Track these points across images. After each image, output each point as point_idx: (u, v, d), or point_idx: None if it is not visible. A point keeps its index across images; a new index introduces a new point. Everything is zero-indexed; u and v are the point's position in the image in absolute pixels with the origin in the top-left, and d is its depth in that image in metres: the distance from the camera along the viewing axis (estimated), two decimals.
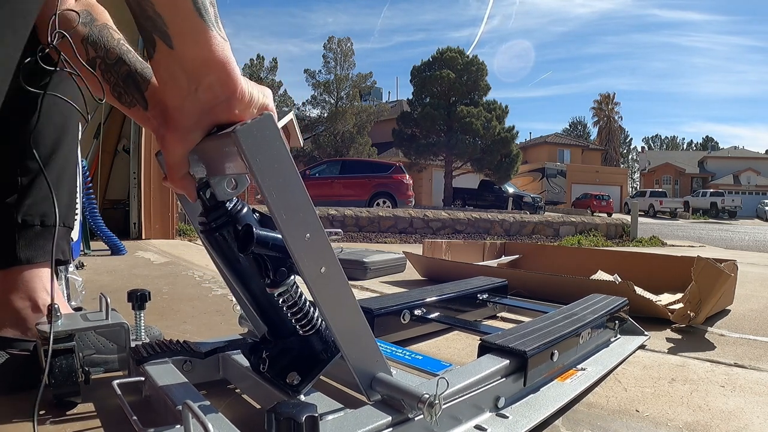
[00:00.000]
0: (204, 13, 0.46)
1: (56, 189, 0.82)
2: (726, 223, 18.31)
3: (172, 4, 0.46)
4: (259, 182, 0.45)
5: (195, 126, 0.50)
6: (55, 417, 0.66)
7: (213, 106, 0.49)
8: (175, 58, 0.47)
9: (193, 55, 0.47)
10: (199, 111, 0.49)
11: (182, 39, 0.46)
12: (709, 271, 1.18)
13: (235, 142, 0.44)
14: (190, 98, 0.48)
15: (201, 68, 0.47)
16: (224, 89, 0.49)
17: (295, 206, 0.47)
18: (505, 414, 0.67)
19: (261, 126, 0.45)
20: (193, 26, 0.46)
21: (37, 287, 0.80)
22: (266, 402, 0.67)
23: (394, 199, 10.09)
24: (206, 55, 0.47)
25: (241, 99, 0.50)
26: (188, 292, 1.61)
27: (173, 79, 0.48)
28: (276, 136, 0.46)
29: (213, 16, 0.48)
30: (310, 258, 0.49)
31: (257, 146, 0.45)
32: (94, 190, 2.69)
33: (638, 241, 5.89)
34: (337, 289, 0.52)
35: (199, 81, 0.48)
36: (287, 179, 0.47)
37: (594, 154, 33.61)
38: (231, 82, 0.49)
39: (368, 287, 1.84)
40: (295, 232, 0.48)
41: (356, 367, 0.56)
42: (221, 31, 0.48)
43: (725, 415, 0.74)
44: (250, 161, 0.44)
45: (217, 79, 0.48)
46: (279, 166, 0.46)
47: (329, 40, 22.89)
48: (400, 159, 18.10)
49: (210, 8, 0.47)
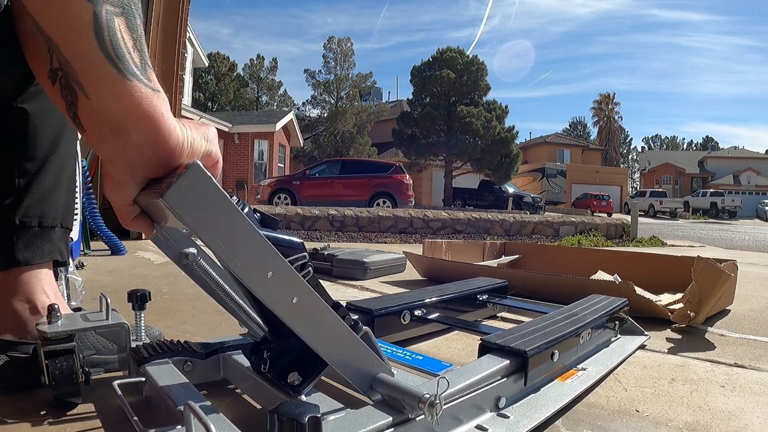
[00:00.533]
0: (118, 61, 0.41)
1: (54, 190, 0.82)
2: (726, 223, 18.32)
3: (77, 49, 0.40)
4: (203, 239, 0.42)
5: (130, 180, 0.45)
6: (55, 417, 0.66)
7: (145, 164, 0.44)
8: (95, 111, 0.42)
9: (112, 109, 0.41)
10: (130, 167, 0.44)
11: (95, 90, 0.41)
12: (709, 271, 1.18)
13: (166, 206, 0.40)
14: (119, 154, 0.43)
15: (124, 123, 0.42)
16: (155, 148, 0.43)
17: (248, 250, 0.45)
18: (506, 414, 0.67)
19: (189, 181, 0.41)
20: (105, 76, 0.40)
21: (36, 289, 0.80)
22: (267, 402, 0.67)
23: (394, 199, 10.09)
24: (128, 108, 0.41)
25: (177, 153, 0.45)
26: (188, 292, 1.61)
27: (99, 132, 0.43)
28: (209, 184, 0.42)
29: (136, 64, 0.42)
30: (278, 294, 0.48)
31: (191, 204, 0.41)
32: (94, 190, 2.69)
33: (638, 241, 5.89)
34: (313, 314, 0.51)
35: (126, 139, 0.42)
36: (231, 226, 0.43)
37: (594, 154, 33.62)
38: (162, 139, 0.43)
39: (368, 287, 1.84)
40: (255, 276, 0.46)
41: (352, 375, 0.56)
42: (149, 81, 0.43)
43: (725, 415, 0.74)
44: (187, 221, 0.41)
45: (145, 137, 0.43)
46: (220, 215, 0.43)
47: (329, 40, 22.94)
48: (400, 159, 18.11)
49: (129, 54, 0.42)
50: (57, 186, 0.82)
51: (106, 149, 0.44)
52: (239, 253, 0.44)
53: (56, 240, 0.83)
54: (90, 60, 0.40)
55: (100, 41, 0.39)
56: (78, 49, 0.40)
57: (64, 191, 0.85)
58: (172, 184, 0.41)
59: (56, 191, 0.82)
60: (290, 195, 10.41)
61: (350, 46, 23.08)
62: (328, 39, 23.06)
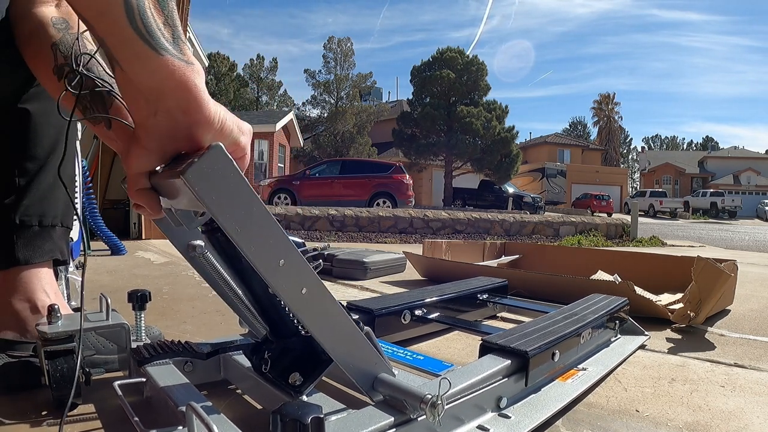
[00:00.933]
0: (149, 38, 0.42)
1: (54, 189, 0.82)
2: (726, 223, 18.32)
3: (110, 29, 0.42)
4: (220, 221, 0.43)
5: (158, 149, 0.46)
6: (55, 418, 0.66)
7: (174, 132, 0.45)
8: (130, 82, 0.44)
9: (146, 81, 0.43)
10: (160, 135, 0.45)
11: (130, 65, 0.43)
12: (709, 271, 1.18)
13: (186, 184, 0.41)
14: (151, 120, 0.45)
15: (158, 94, 0.44)
16: (186, 116, 0.44)
17: (262, 236, 0.45)
18: (507, 414, 0.67)
19: (211, 161, 0.42)
20: (137, 52, 0.42)
21: (36, 288, 0.80)
22: (268, 403, 0.67)
23: (394, 199, 10.09)
24: (159, 81, 0.43)
25: (208, 125, 0.45)
26: (188, 292, 1.61)
27: (134, 100, 0.45)
28: (230, 167, 0.42)
29: (167, 38, 0.43)
30: (288, 283, 0.48)
31: (210, 185, 0.41)
32: (94, 190, 2.69)
33: (638, 241, 5.89)
34: (322, 306, 0.51)
35: (159, 107, 0.44)
36: (249, 211, 0.44)
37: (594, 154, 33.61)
38: (192, 108, 0.44)
39: (368, 287, 1.84)
40: (267, 262, 0.46)
41: (355, 374, 0.56)
42: (182, 54, 0.44)
43: (725, 415, 0.74)
44: (206, 201, 0.41)
45: (177, 105, 0.44)
46: (238, 199, 0.43)
47: (329, 40, 22.93)
48: (400, 159, 18.10)
49: (160, 30, 0.43)
50: (57, 185, 0.82)
51: (139, 114, 0.45)
52: (254, 238, 0.45)
53: (56, 239, 0.83)
54: (123, 38, 0.42)
55: (131, 20, 0.41)
56: (111, 29, 0.42)
57: (64, 191, 0.85)
58: (193, 162, 0.41)
59: (56, 190, 0.82)
60: (290, 195, 10.41)
61: (350, 46, 23.09)
62: (328, 39, 23.08)
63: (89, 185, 2.47)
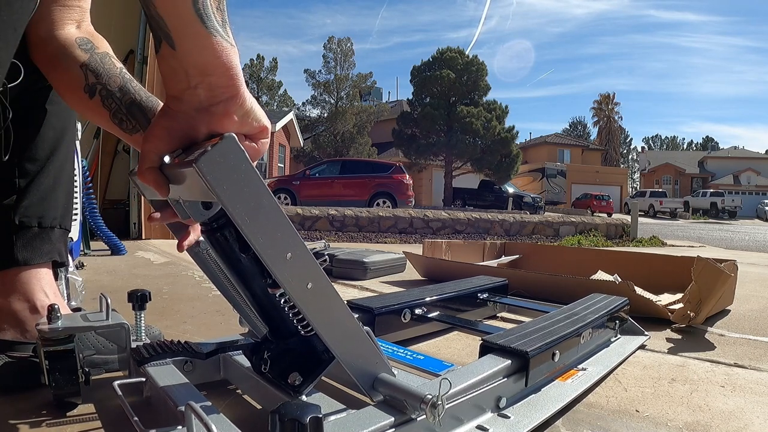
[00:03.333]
0: (206, 19, 0.46)
1: (54, 190, 0.82)
2: (726, 223, 18.32)
3: (173, 9, 0.45)
4: (229, 211, 0.43)
5: (182, 126, 0.49)
6: (55, 418, 0.66)
7: (210, 105, 0.48)
8: (178, 59, 0.47)
9: (195, 59, 0.47)
10: (196, 106, 0.48)
11: (184, 43, 0.46)
12: (709, 271, 1.18)
13: (198, 173, 0.41)
14: (189, 92, 0.48)
15: (203, 70, 0.47)
16: (224, 90, 0.48)
17: (271, 228, 0.46)
18: (506, 414, 0.67)
19: (224, 151, 0.43)
20: (194, 32, 0.46)
21: (35, 288, 0.80)
22: (267, 403, 0.67)
23: (394, 199, 10.09)
24: (208, 60, 0.47)
25: (241, 104, 0.49)
26: (188, 292, 1.61)
27: (175, 74, 0.48)
28: (241, 158, 0.43)
29: (218, 21, 0.47)
30: (295, 276, 0.48)
31: (222, 174, 0.42)
32: (94, 190, 2.69)
33: (638, 241, 5.89)
34: (327, 302, 0.51)
35: (199, 80, 0.47)
36: (259, 202, 0.44)
37: (594, 154, 33.61)
38: (232, 86, 0.48)
39: (368, 287, 1.84)
40: (275, 255, 0.46)
41: (356, 373, 0.56)
42: (228, 37, 0.48)
43: (725, 415, 0.74)
44: (217, 191, 0.42)
45: (218, 81, 0.48)
46: (248, 190, 0.44)
47: (329, 40, 22.90)
48: (400, 159, 18.10)
49: (214, 14, 0.47)
50: (57, 187, 0.82)
51: (177, 87, 0.48)
52: (263, 230, 0.45)
53: (55, 240, 0.84)
54: (183, 18, 0.45)
55: (195, 3, 0.45)
56: (174, 10, 0.45)
57: (64, 192, 0.85)
58: (205, 151, 0.42)
59: (56, 192, 0.83)
60: (290, 195, 10.41)
61: (350, 46, 23.06)
62: (329, 39, 23.04)
63: (89, 185, 2.47)
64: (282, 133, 16.74)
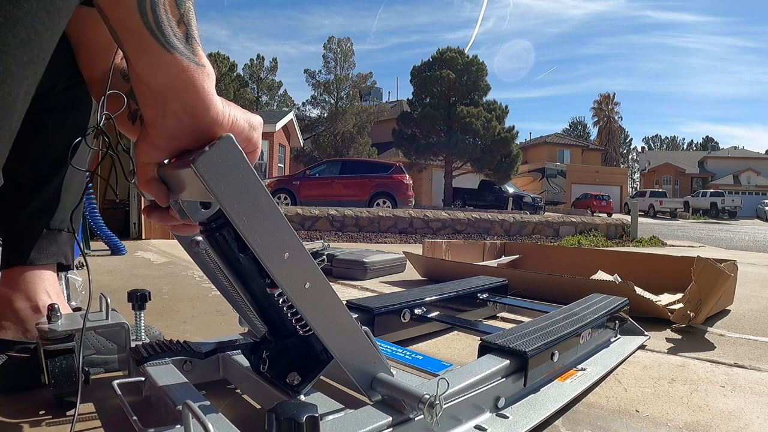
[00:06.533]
0: (159, 33, 0.41)
1: (63, 194, 0.82)
2: (726, 223, 18.31)
3: (122, 22, 0.41)
4: (227, 210, 0.43)
5: (167, 147, 0.46)
6: (54, 417, 0.66)
7: (181, 134, 0.45)
8: (139, 78, 0.43)
9: (152, 78, 0.42)
10: (168, 135, 0.45)
11: (137, 60, 0.42)
12: (709, 271, 1.18)
13: (196, 173, 0.41)
14: (160, 120, 0.44)
15: (163, 93, 0.43)
16: (192, 118, 0.44)
17: (268, 228, 0.45)
18: (505, 414, 0.67)
19: (221, 151, 0.42)
20: (145, 48, 0.41)
21: (38, 289, 0.80)
22: (266, 402, 0.67)
23: (394, 199, 10.08)
24: (165, 80, 0.42)
25: (215, 127, 0.45)
26: (188, 292, 1.61)
27: (143, 98, 0.44)
28: (239, 158, 0.43)
29: (179, 36, 0.42)
30: (292, 276, 0.48)
31: (220, 174, 0.42)
32: (94, 190, 2.69)
33: (638, 241, 5.89)
34: (325, 301, 0.51)
35: (165, 107, 0.43)
36: (256, 202, 0.44)
37: (594, 154, 33.60)
38: (199, 111, 0.44)
39: (368, 287, 1.84)
40: (272, 255, 0.46)
41: (354, 373, 0.56)
42: (193, 55, 0.43)
43: (725, 415, 0.74)
44: (214, 191, 0.42)
45: (182, 108, 0.43)
46: (246, 190, 0.43)
47: (329, 40, 22.90)
48: (400, 159, 18.11)
49: (172, 27, 0.42)
50: (66, 190, 0.83)
51: (148, 113, 0.45)
52: (261, 230, 0.45)
53: (62, 243, 0.84)
54: (132, 31, 0.41)
55: (143, 14, 0.40)
56: (123, 21, 0.41)
57: (73, 196, 0.85)
58: (203, 152, 0.42)
59: (65, 196, 0.83)
60: (290, 195, 10.40)
61: (350, 46, 23.05)
62: (328, 39, 23.03)
63: (89, 185, 2.47)
64: (282, 133, 16.74)
